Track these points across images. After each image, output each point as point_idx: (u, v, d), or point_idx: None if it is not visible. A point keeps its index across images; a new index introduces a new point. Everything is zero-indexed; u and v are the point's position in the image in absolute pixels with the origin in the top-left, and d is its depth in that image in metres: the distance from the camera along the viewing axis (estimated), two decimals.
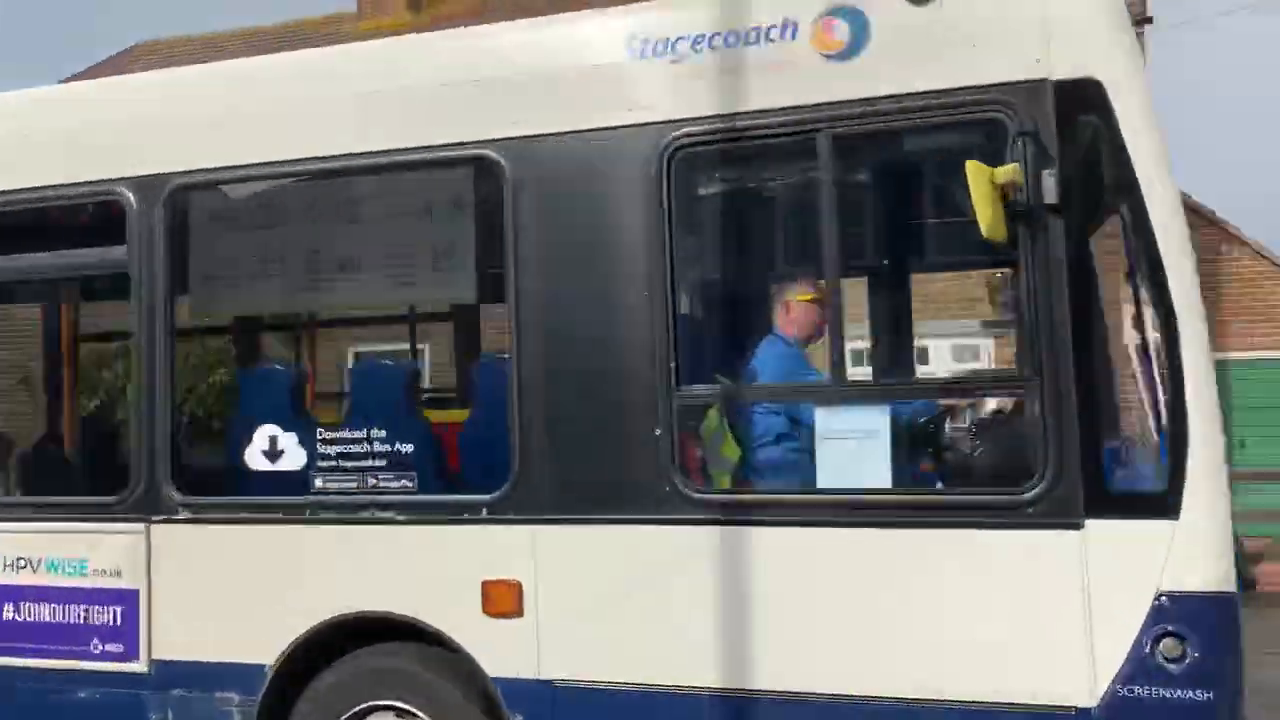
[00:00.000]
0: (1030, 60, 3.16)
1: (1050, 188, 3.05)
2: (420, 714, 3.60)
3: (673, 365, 3.41)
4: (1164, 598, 2.98)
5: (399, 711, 3.63)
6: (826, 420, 3.41)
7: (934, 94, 3.26)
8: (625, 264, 3.51)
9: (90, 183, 4.07)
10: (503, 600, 3.52)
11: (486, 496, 3.58)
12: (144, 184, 3.96)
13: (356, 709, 3.65)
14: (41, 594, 4.01)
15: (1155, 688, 2.97)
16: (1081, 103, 3.12)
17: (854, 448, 3.34)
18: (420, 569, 3.65)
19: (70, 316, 6.24)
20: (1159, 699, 2.96)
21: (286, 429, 3.95)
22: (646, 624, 3.43)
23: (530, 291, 3.58)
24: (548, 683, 3.49)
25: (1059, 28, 3.15)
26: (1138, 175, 3.06)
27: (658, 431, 3.39)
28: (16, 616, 4.05)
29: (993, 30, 3.23)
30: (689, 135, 3.44)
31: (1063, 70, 3.13)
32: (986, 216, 3.01)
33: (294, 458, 3.92)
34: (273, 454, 3.96)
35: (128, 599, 3.92)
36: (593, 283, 3.55)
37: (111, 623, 3.94)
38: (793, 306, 4.08)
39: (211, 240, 4.36)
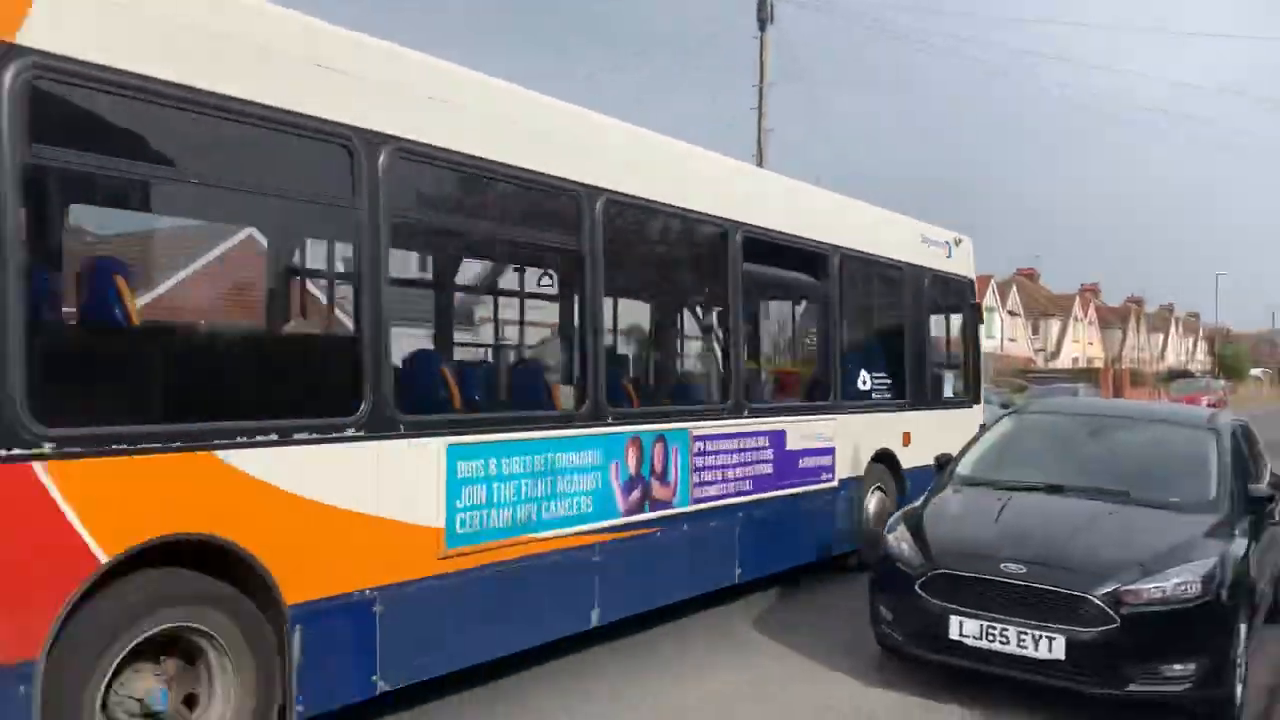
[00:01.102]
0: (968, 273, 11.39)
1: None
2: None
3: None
4: None
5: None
6: None
7: (955, 275, 10.94)
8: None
9: None
10: (907, 440, 9.74)
11: (894, 400, 9.83)
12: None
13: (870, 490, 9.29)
14: (803, 454, 8.30)
15: None
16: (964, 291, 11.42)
17: None
18: (893, 431, 9.55)
19: None
20: None
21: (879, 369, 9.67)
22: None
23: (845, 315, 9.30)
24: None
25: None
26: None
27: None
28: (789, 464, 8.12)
29: (962, 260, 11.11)
30: (933, 275, 10.51)
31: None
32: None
33: (869, 383, 9.36)
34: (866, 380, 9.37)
35: (831, 453, 8.62)
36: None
37: (828, 464, 8.61)
38: None
39: None
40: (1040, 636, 5.57)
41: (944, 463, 7.63)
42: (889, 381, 9.55)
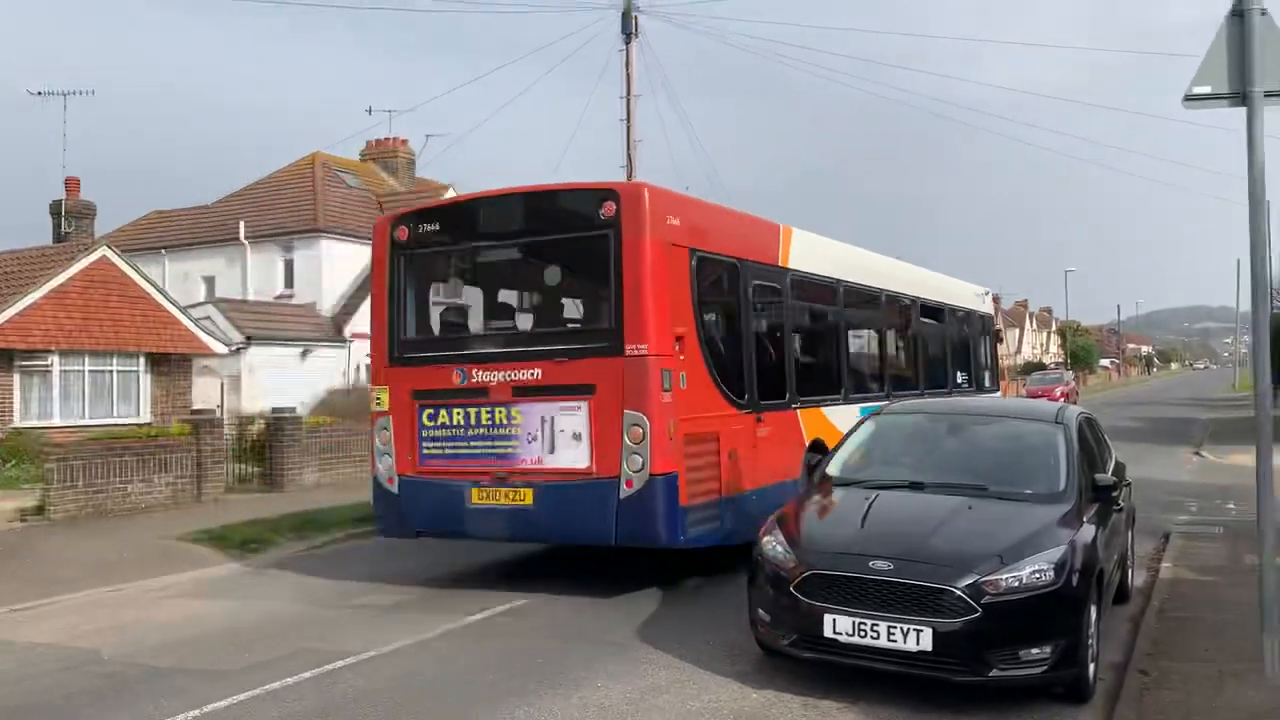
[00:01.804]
0: (991, 311, 20.70)
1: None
2: None
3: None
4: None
5: None
6: None
7: (986, 314, 19.36)
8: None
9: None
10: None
11: (968, 388, 17.60)
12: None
13: None
14: None
15: None
16: None
17: None
18: None
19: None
20: None
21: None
22: None
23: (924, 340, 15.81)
24: None
25: None
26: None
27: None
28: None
29: (989, 304, 20.33)
30: (979, 314, 18.56)
31: None
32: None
33: (959, 378, 17.17)
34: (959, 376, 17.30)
35: None
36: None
37: None
38: None
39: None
40: (909, 630, 5.81)
41: (814, 465, 7.86)
42: (966, 375, 17.38)
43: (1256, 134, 6.31)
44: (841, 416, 11.56)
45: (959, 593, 5.78)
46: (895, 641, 5.84)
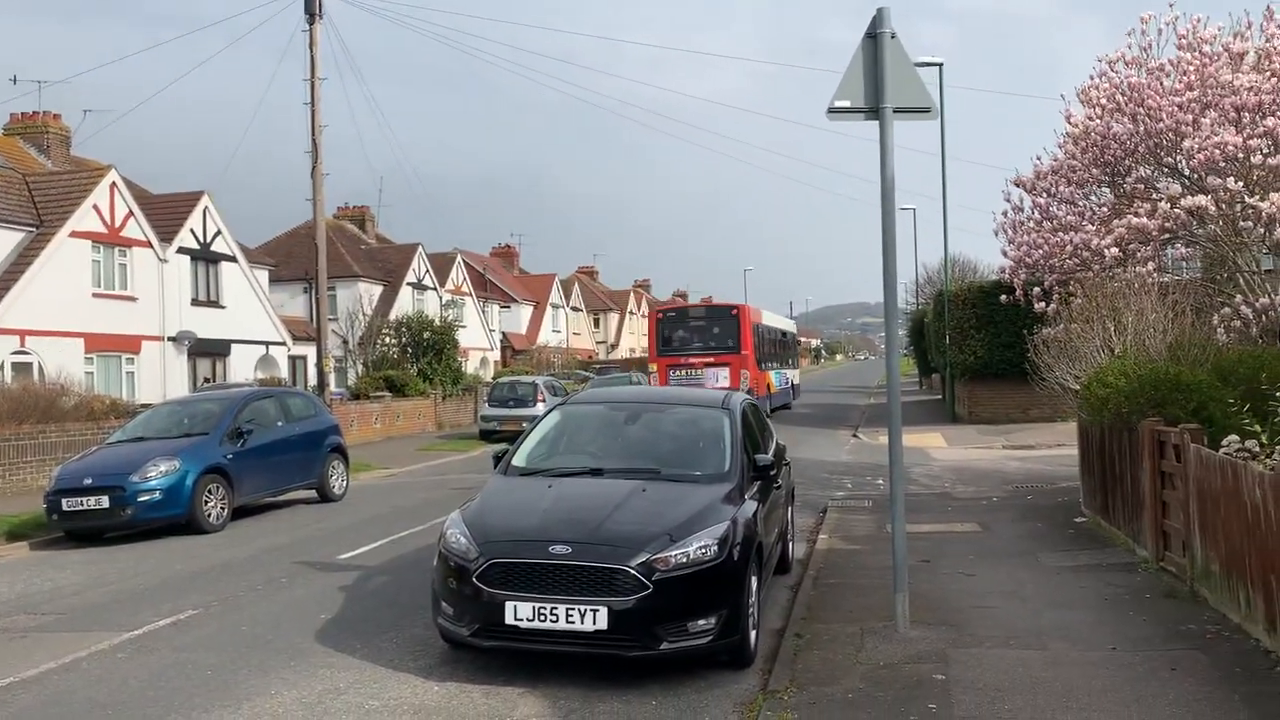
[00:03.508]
0: (794, 329, 53.74)
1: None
2: None
3: None
4: None
5: None
6: None
7: (792, 331, 52.33)
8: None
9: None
10: (795, 377, 50.54)
11: (791, 366, 50.75)
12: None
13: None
14: (788, 379, 47.04)
15: None
16: None
17: None
18: (795, 374, 49.70)
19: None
20: None
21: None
22: None
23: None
24: None
25: None
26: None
27: None
28: None
29: (792, 325, 53.97)
30: (790, 332, 49.88)
31: None
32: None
33: (789, 361, 48.87)
34: (789, 360, 47.60)
35: (791, 379, 47.49)
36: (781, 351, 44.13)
37: (792, 383, 48.55)
38: None
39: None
40: (586, 610, 6.00)
41: (500, 455, 7.93)
42: (790, 359, 45.63)
43: (888, 145, 7.06)
44: (773, 377, 36.94)
45: (632, 571, 6.04)
46: (574, 623, 6.00)
